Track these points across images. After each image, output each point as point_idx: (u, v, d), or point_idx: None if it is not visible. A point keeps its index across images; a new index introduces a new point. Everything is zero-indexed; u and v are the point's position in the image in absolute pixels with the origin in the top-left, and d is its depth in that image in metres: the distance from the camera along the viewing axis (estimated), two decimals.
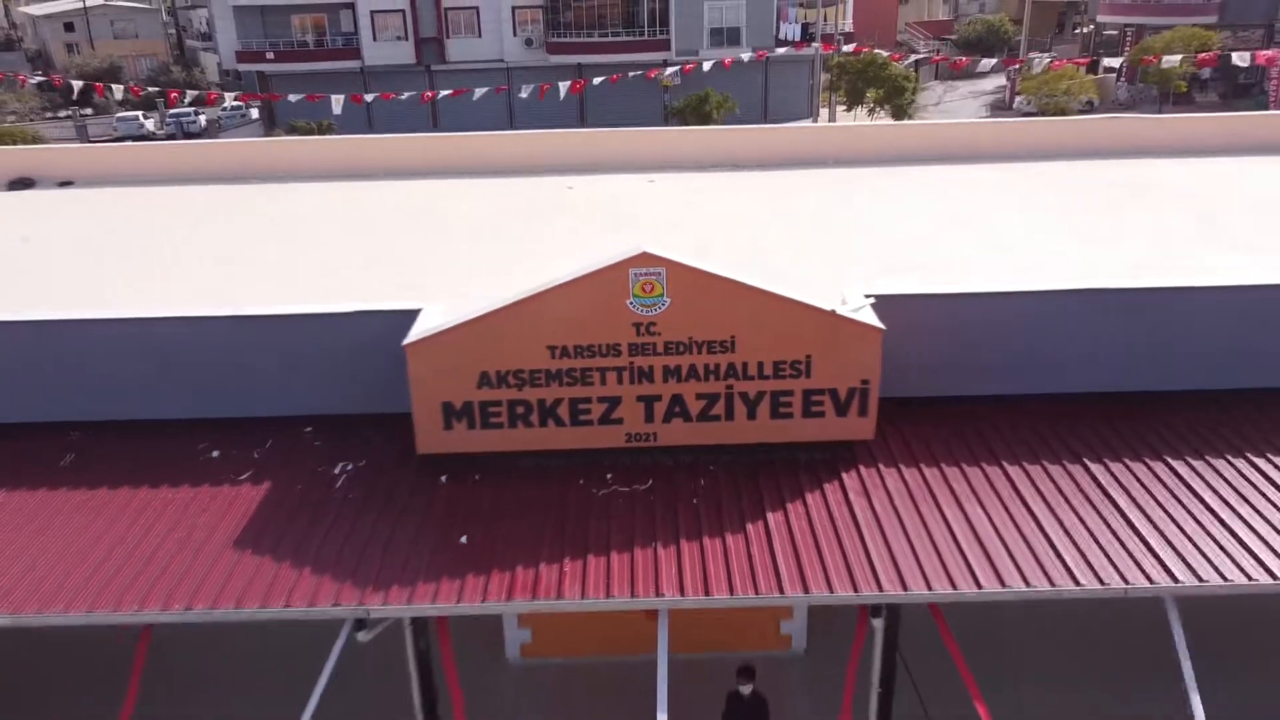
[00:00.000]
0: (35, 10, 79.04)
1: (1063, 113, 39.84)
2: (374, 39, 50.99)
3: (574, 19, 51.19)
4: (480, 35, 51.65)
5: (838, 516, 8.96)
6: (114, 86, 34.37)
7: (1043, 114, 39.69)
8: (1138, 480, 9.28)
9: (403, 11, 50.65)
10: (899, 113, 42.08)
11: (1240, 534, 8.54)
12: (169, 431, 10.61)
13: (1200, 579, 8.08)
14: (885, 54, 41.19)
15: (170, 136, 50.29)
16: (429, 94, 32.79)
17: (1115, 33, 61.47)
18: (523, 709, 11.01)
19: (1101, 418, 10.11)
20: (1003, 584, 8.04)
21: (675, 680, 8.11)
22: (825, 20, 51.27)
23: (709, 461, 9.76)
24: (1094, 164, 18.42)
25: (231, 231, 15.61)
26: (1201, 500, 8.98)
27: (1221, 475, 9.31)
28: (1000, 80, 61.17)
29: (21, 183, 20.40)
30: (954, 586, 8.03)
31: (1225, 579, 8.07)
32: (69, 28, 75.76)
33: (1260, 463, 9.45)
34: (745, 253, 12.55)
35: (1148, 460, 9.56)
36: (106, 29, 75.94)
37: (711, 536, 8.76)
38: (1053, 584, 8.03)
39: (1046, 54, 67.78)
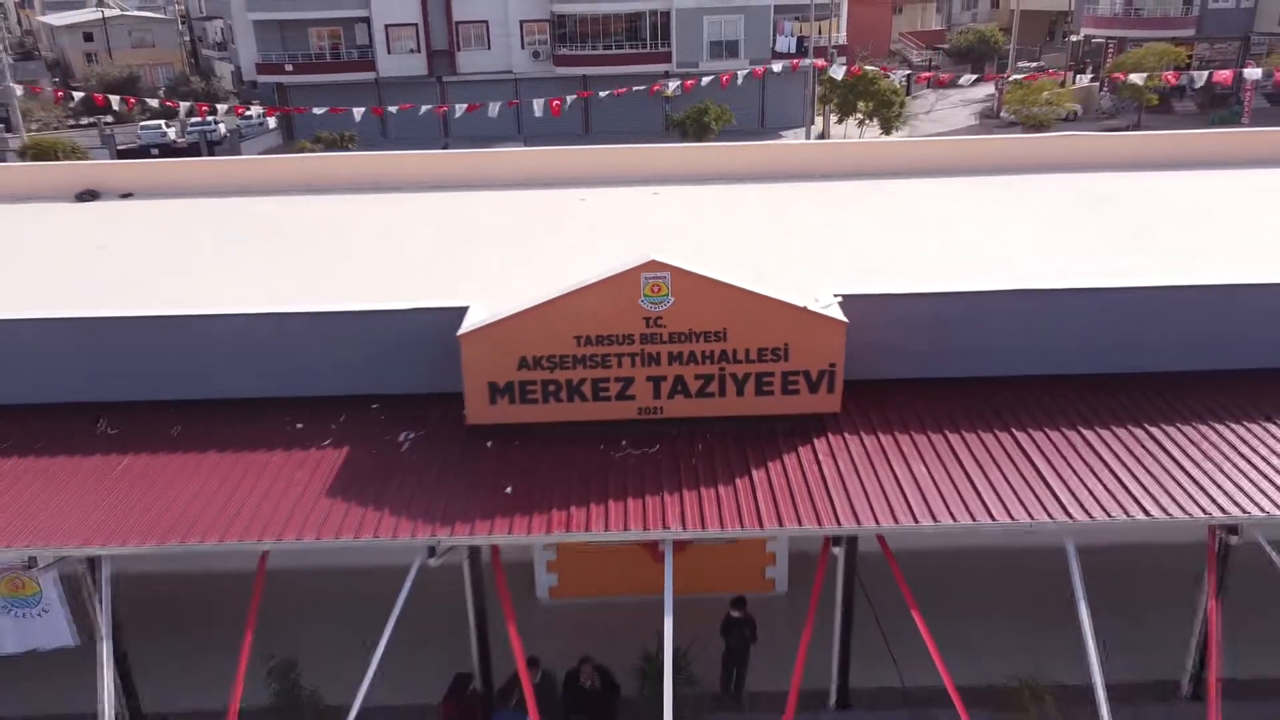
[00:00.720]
0: (55, 20, 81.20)
1: (1043, 124, 42.01)
2: (388, 52, 53.21)
3: (579, 32, 53.45)
4: (489, 48, 53.85)
5: (808, 472, 11.17)
6: (148, 101, 36.47)
7: (1023, 125, 41.95)
8: (1051, 443, 11.47)
9: (415, 25, 52.87)
10: (887, 125, 44.33)
11: (1127, 484, 10.75)
12: (259, 408, 12.80)
13: (1091, 516, 10.30)
14: (873, 69, 43.42)
15: (193, 144, 52.29)
16: (442, 108, 34.87)
17: (1102, 41, 63.65)
18: (552, 641, 13.20)
19: (1025, 396, 12.31)
20: (934, 519, 10.27)
21: (678, 615, 10.26)
22: (820, 33, 53.49)
23: (705, 430, 11.96)
24: (1055, 177, 20.65)
25: (285, 238, 17.84)
26: (1100, 457, 11.18)
27: (1118, 439, 11.51)
28: (990, 89, 63.29)
29: (88, 194, 22.60)
30: (895, 521, 10.26)
31: (1109, 515, 10.28)
32: (88, 38, 77.91)
33: (1140, 431, 11.64)
34: (738, 256, 14.75)
35: (1062, 429, 11.75)
36: (124, 39, 78.13)
37: (706, 487, 10.98)
38: (973, 519, 10.26)
39: (1033, 63, 70.07)
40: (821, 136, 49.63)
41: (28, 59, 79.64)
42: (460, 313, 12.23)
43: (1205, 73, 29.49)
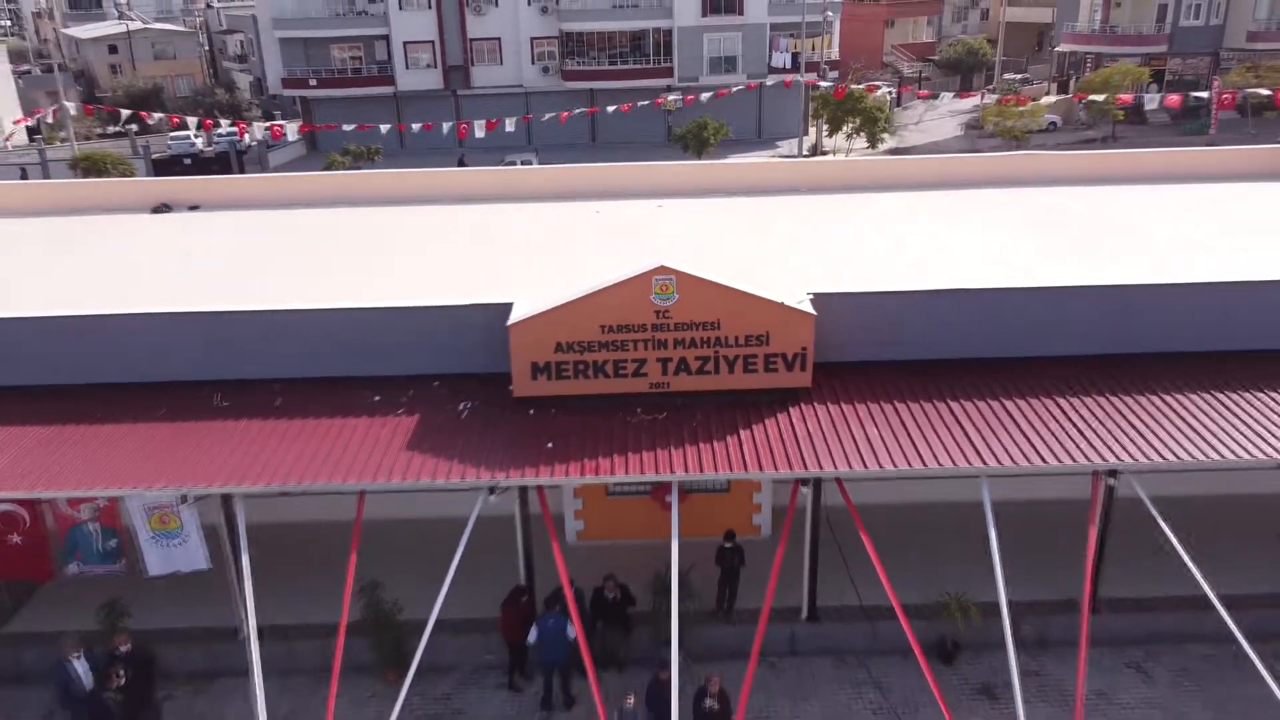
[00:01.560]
0: (80, 33, 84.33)
1: (1018, 136, 45.04)
2: (406, 67, 56.34)
3: (586, 48, 56.58)
4: (501, 63, 56.98)
5: (783, 432, 14.22)
6: (189, 119, 39.53)
7: (1000, 138, 44.99)
8: (977, 410, 14.50)
9: (432, 42, 56.00)
10: (872, 138, 47.42)
11: (1032, 440, 13.77)
12: (342, 385, 15.84)
13: (1000, 462, 13.35)
14: (860, 88, 46.62)
15: (221, 154, 55.17)
16: (463, 125, 37.92)
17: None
18: (579, 572, 16.21)
19: (959, 374, 15.34)
20: (879, 465, 13.32)
21: (681, 552, 13.21)
22: (813, 49, 56.61)
23: (702, 400, 14.98)
24: (1006, 191, 23.77)
25: (344, 244, 20.92)
26: (1014, 420, 14.22)
27: (1030, 406, 14.54)
28: (977, 99, 66.37)
29: (162, 207, 25.71)
30: (850, 466, 13.31)
31: (1014, 462, 13.33)
32: (112, 50, 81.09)
33: (1048, 400, 14.68)
34: (729, 260, 17.72)
35: (986, 400, 14.78)
36: (147, 51, 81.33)
37: (704, 442, 14.02)
38: (909, 464, 13.31)
39: (1019, 74, 73.16)
40: (815, 147, 52.65)
41: (51, 70, 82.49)
42: (505, 308, 15.29)
43: (1158, 95, 32.59)
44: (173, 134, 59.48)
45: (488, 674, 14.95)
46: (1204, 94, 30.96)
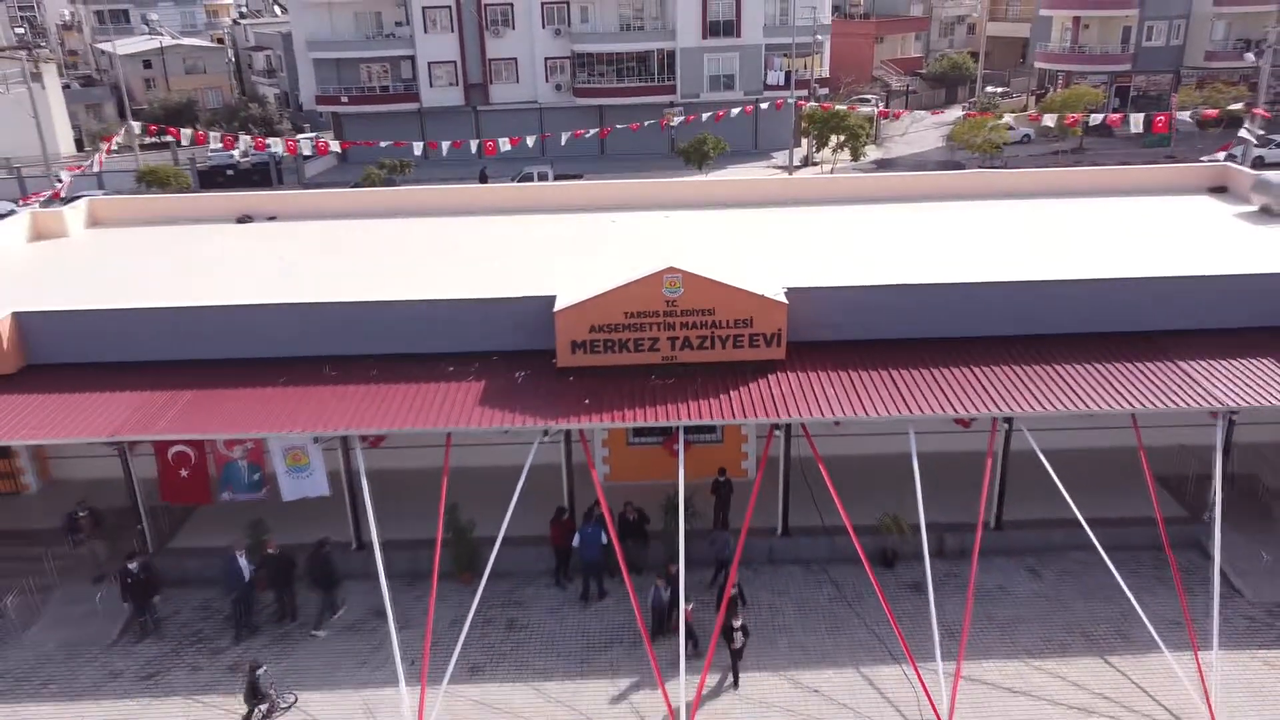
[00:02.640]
0: (116, 49, 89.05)
1: (986, 150, 49.72)
2: (430, 85, 61.02)
3: (596, 67, 61.31)
4: (518, 81, 61.70)
5: (763, 392, 18.85)
6: (242, 137, 44.16)
7: (969, 151, 49.66)
8: (910, 376, 19.12)
9: (454, 62, 60.67)
10: (854, 152, 52.12)
11: (948, 395, 18.39)
12: (422, 359, 20.45)
13: (922, 412, 17.98)
14: (843, 107, 51.19)
15: (258, 165, 59.60)
16: (490, 143, 42.54)
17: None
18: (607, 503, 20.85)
19: (897, 351, 19.96)
20: (832, 413, 17.97)
21: (687, 491, 17.83)
22: (805, 68, 61.30)
23: (702, 370, 19.63)
24: (956, 204, 28.44)
25: (408, 249, 25.58)
26: (937, 383, 18.83)
27: (950, 373, 19.15)
28: (960, 112, 70.96)
29: (245, 218, 30.37)
30: (812, 414, 17.97)
31: (933, 411, 17.97)
32: (147, 65, 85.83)
33: (963, 369, 19.29)
34: (725, 261, 22.33)
35: (918, 368, 19.39)
36: (179, 65, 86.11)
37: (703, 399, 18.65)
38: (854, 413, 17.95)
39: (1001, 88, 77.74)
40: (806, 159, 57.29)
41: (90, 84, 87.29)
42: (549, 300, 19.95)
43: (1100, 115, 37.27)
44: (212, 148, 64.24)
45: (540, 576, 19.59)
46: (1139, 116, 35.42)
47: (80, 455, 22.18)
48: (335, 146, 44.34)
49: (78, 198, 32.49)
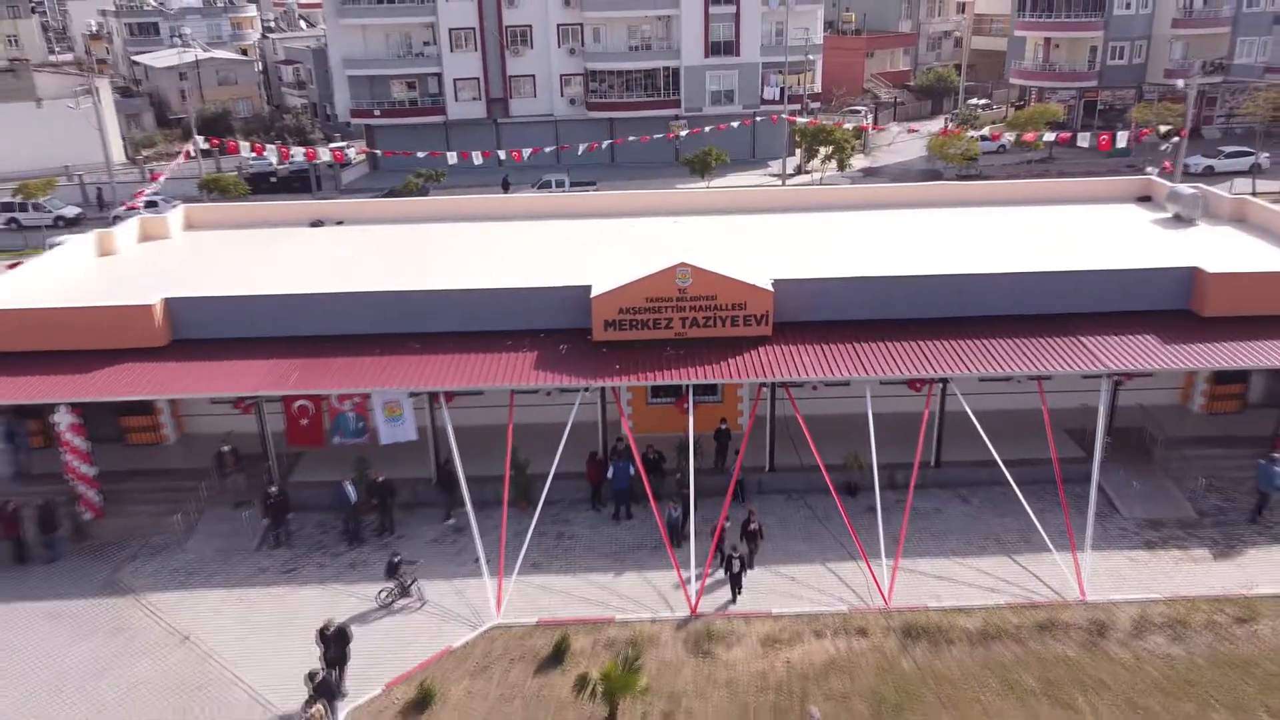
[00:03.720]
0: (154, 62, 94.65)
1: (956, 160, 55.37)
2: (455, 99, 66.53)
3: (607, 83, 66.87)
4: (535, 95, 67.19)
5: (754, 360, 24.35)
6: (296, 149, 49.64)
7: (944, 161, 55.31)
8: (868, 347, 24.60)
9: (477, 78, 66.20)
10: (840, 164, 57.73)
11: (895, 361, 23.89)
12: (484, 335, 25.92)
13: (873, 374, 23.47)
14: (830, 123, 56.76)
15: (298, 171, 64.85)
16: (516, 153, 48.02)
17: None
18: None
19: (860, 329, 25.44)
20: (807, 374, 23.47)
21: (695, 438, 23.31)
22: (798, 83, 66.82)
23: (705, 343, 25.10)
24: (932, 210, 33.93)
25: (456, 248, 31.08)
26: (888, 352, 24.32)
27: (897, 345, 24.63)
28: (941, 123, 76.41)
29: (317, 222, 35.85)
30: (788, 375, 23.46)
31: (881, 373, 23.46)
32: (182, 77, 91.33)
33: (907, 342, 24.78)
34: (725, 257, 27.77)
35: (873, 341, 24.86)
36: (212, 77, 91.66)
37: (707, 365, 24.14)
38: (822, 374, 23.45)
39: (983, 100, 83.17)
40: (798, 168, 62.74)
41: (129, 96, 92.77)
42: (586, 289, 25.43)
43: (1054, 134, 42.69)
44: (253, 159, 69.68)
45: (580, 503, 25.09)
46: (1087, 135, 40.81)
47: (206, 413, 27.79)
48: (377, 155, 49.67)
49: (153, 204, 37.89)
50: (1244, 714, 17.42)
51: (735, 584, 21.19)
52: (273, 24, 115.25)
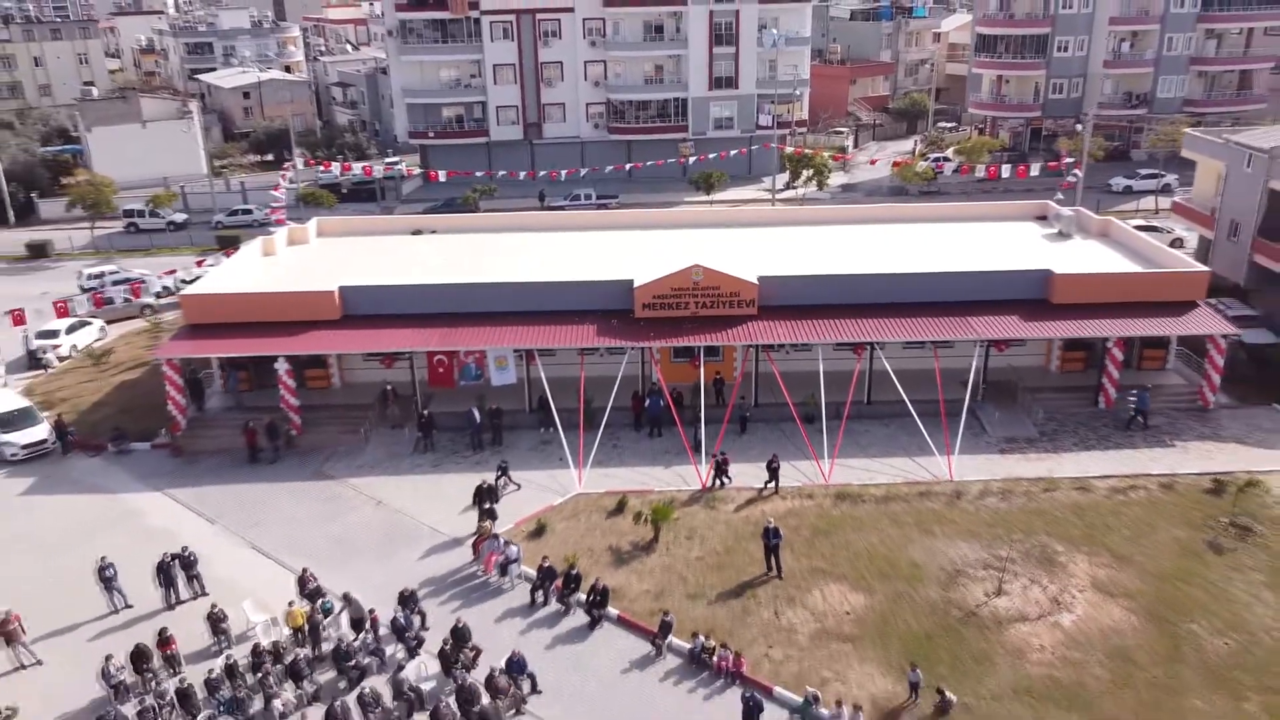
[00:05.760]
0: (219, 82, 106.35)
1: (926, 179, 67.30)
2: (497, 123, 78.30)
3: (625, 111, 78.66)
4: (565, 120, 78.98)
5: (744, 331, 36.11)
6: (360, 163, 61.26)
7: (905, 181, 67.52)
8: (826, 325, 36.35)
9: (516, 105, 78.04)
10: (820, 183, 69.64)
11: (848, 332, 35.63)
12: (556, 314, 37.65)
13: (827, 337, 35.24)
14: (809, 151, 68.66)
15: (363, 183, 76.33)
16: (554, 173, 59.66)
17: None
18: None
19: (824, 311, 37.16)
20: (780, 339, 35.25)
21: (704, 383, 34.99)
22: (788, 112, 78.62)
23: (711, 320, 36.82)
24: (882, 225, 45.74)
25: (528, 250, 42.83)
26: (839, 328, 36.08)
27: (850, 324, 36.39)
28: (912, 144, 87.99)
29: (417, 231, 47.61)
30: (767, 340, 35.25)
31: (834, 338, 35.24)
32: (245, 95, 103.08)
33: (862, 320, 36.54)
34: (723, 260, 39.45)
35: (837, 319, 36.59)
36: (271, 95, 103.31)
37: (712, 333, 35.90)
38: (790, 339, 35.25)
39: (952, 123, 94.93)
40: (787, 184, 74.55)
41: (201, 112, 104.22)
42: (629, 282, 37.22)
43: (983, 166, 54.53)
44: (321, 172, 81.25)
45: (627, 427, 36.81)
46: (1007, 166, 52.59)
47: (360, 368, 39.58)
48: (441, 174, 61.26)
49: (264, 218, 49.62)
50: (1030, 536, 29.17)
51: (721, 472, 33.20)
52: (324, 47, 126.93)
